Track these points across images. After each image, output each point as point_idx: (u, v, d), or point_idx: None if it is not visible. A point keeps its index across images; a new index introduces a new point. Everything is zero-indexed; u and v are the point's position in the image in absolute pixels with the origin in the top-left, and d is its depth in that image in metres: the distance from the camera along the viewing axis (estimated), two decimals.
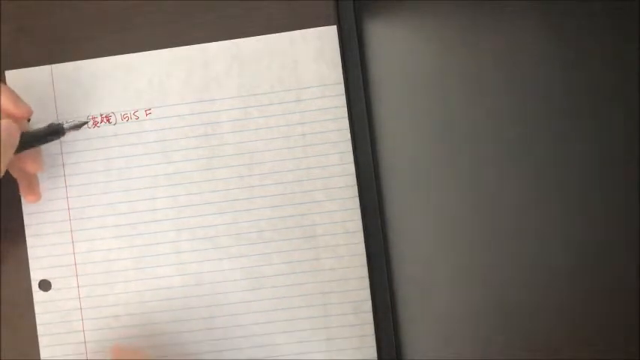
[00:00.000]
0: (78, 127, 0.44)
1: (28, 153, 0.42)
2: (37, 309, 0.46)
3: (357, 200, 0.46)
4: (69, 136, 0.45)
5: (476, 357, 0.34)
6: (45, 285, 0.46)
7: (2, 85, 0.41)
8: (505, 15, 0.28)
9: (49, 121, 0.46)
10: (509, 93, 0.29)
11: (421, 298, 0.41)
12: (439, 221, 0.37)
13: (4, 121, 0.39)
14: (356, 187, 0.46)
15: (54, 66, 0.47)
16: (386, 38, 0.42)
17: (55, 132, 0.43)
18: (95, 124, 0.46)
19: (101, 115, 0.46)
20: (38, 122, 0.46)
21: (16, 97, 0.41)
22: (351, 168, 0.46)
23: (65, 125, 0.44)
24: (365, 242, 0.45)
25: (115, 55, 0.47)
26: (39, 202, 0.46)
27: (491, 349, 0.33)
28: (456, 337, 0.37)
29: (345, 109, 0.46)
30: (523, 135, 0.28)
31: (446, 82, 0.34)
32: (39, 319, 0.46)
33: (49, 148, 0.46)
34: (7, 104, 0.40)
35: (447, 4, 0.33)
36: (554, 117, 0.26)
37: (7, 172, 0.44)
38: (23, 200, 0.46)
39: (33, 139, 0.42)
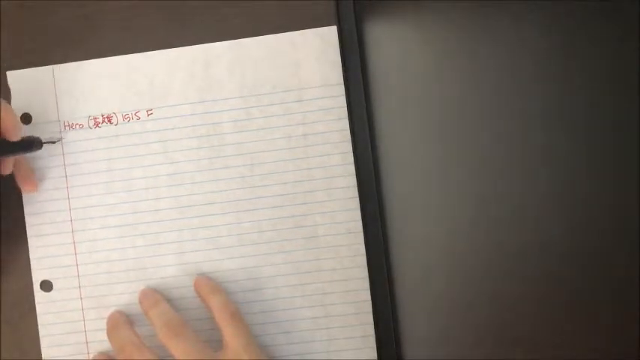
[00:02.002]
0: (52, 142, 0.46)
1: (7, 159, 0.43)
2: (39, 309, 0.46)
3: (358, 200, 0.46)
4: (68, 138, 0.46)
5: (476, 357, 0.34)
6: (46, 285, 0.46)
7: (5, 103, 0.41)
8: (505, 15, 0.28)
9: (50, 123, 0.46)
10: (509, 93, 0.29)
11: (421, 299, 0.41)
12: (439, 222, 0.37)
13: None
14: (357, 188, 0.46)
15: (55, 66, 0.47)
16: (386, 38, 0.42)
17: (30, 145, 0.44)
18: (97, 124, 0.47)
19: (102, 115, 0.47)
20: (39, 123, 0.46)
21: (15, 118, 0.42)
22: (353, 168, 0.46)
23: (43, 140, 0.45)
24: (365, 242, 0.45)
25: (116, 55, 0.47)
26: (41, 203, 0.46)
27: (492, 350, 0.33)
28: (456, 337, 0.37)
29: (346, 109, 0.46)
30: (523, 134, 0.28)
31: (446, 82, 0.34)
32: (40, 320, 0.46)
33: (51, 149, 0.46)
34: (5, 123, 0.41)
35: (446, 4, 0.33)
36: (554, 116, 0.26)
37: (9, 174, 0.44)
38: (25, 200, 0.46)
39: (9, 149, 0.43)
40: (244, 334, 0.43)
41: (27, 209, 0.46)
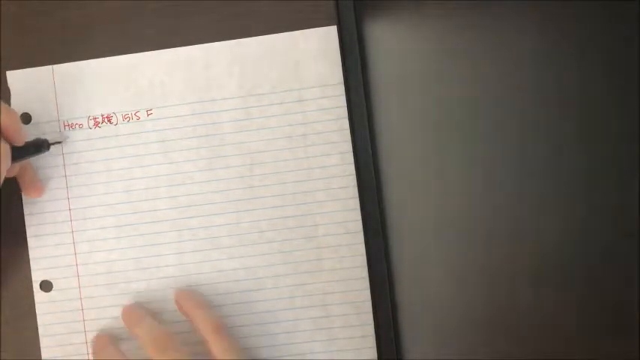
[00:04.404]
0: (59, 142, 0.46)
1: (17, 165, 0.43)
2: (39, 310, 0.46)
3: (358, 200, 0.46)
4: (67, 138, 0.46)
5: (476, 357, 0.34)
6: (46, 286, 0.46)
7: (9, 109, 0.41)
8: (505, 15, 0.28)
9: (49, 123, 0.46)
10: (509, 93, 0.29)
11: (421, 299, 0.41)
12: (439, 221, 0.37)
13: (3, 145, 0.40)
14: (357, 187, 0.46)
15: (55, 66, 0.47)
16: (386, 38, 0.42)
17: (39, 148, 0.44)
18: (96, 124, 0.47)
19: (102, 115, 0.47)
20: (39, 123, 0.46)
21: (19, 123, 0.42)
22: (353, 168, 0.46)
23: (50, 141, 0.45)
24: (365, 242, 0.45)
25: (115, 55, 0.47)
26: (40, 203, 0.46)
27: (492, 350, 0.33)
28: (457, 337, 0.37)
29: (346, 109, 0.46)
30: (523, 134, 0.28)
31: (446, 82, 0.34)
32: (40, 320, 0.46)
33: (51, 148, 0.46)
34: (9, 128, 0.41)
35: (446, 4, 0.33)
36: (553, 117, 0.26)
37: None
38: (24, 201, 0.46)
39: (21, 154, 0.43)
40: (232, 347, 0.42)
41: (27, 209, 0.46)
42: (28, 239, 0.46)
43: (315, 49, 0.46)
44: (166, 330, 0.43)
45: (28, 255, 0.46)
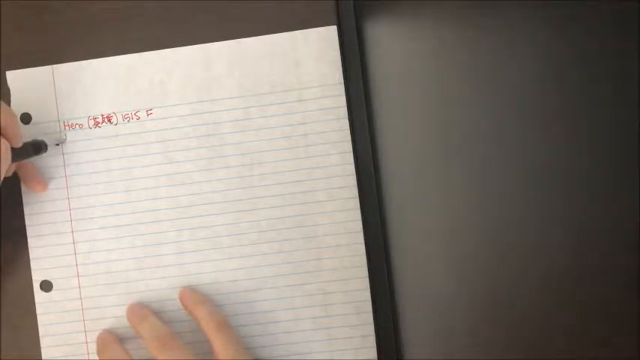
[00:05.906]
0: (57, 144, 0.46)
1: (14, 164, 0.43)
2: (39, 310, 0.46)
3: (358, 200, 0.46)
4: (67, 138, 0.46)
5: (477, 357, 0.34)
6: (46, 286, 0.46)
7: (8, 109, 0.41)
8: (505, 15, 0.28)
9: (49, 123, 0.46)
10: (509, 93, 0.29)
11: (421, 299, 0.41)
12: (439, 221, 0.37)
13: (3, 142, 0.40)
14: (357, 187, 0.46)
15: (55, 66, 0.47)
16: (386, 38, 0.42)
17: (38, 148, 0.45)
18: (96, 124, 0.46)
19: (102, 115, 0.47)
20: (39, 123, 0.46)
21: (17, 124, 0.42)
22: (353, 168, 0.46)
23: (48, 142, 0.45)
24: (365, 242, 0.45)
25: (116, 55, 0.47)
26: (40, 203, 0.46)
27: (493, 350, 0.33)
28: (457, 337, 0.37)
29: (346, 109, 0.46)
30: (522, 135, 0.28)
31: (446, 82, 0.34)
32: (40, 320, 0.46)
33: (51, 148, 0.46)
34: (7, 129, 0.41)
35: (446, 4, 0.33)
36: (553, 117, 0.26)
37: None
38: (24, 201, 0.46)
39: (19, 156, 0.43)
40: (233, 343, 0.42)
41: (27, 209, 0.46)
42: (29, 239, 0.46)
43: (316, 49, 0.46)
44: (169, 329, 0.43)
45: (28, 255, 0.46)
